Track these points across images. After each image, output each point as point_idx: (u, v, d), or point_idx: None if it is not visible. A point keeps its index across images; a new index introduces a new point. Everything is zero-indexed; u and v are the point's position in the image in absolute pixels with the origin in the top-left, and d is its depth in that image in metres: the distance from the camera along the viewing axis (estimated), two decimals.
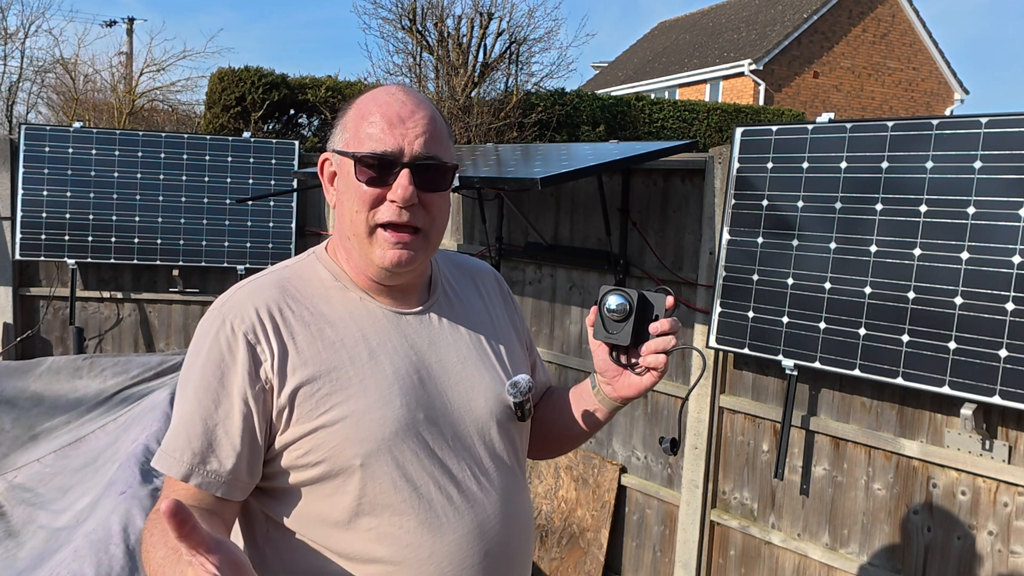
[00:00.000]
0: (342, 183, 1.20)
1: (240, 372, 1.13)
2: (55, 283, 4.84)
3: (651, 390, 1.46)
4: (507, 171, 3.07)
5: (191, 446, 1.12)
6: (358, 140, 1.17)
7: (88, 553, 2.29)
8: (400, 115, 1.17)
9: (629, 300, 1.24)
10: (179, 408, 1.16)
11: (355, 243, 1.19)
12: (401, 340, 1.22)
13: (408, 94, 1.20)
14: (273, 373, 1.13)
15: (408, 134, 1.16)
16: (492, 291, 1.42)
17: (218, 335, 1.15)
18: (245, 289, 1.19)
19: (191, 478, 1.11)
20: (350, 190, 1.18)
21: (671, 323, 1.24)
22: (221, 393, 1.13)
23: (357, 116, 1.20)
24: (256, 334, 1.14)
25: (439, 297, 1.30)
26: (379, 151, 1.15)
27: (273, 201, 4.84)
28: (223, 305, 1.18)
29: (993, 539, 2.38)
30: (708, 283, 3.04)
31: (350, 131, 1.20)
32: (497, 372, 1.30)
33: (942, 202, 2.37)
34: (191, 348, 1.19)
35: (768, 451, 2.95)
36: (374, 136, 1.16)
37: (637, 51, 27.47)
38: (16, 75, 15.65)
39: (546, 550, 3.67)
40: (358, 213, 1.17)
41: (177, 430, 1.14)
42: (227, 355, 1.14)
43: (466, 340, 1.29)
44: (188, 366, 1.17)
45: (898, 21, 22.02)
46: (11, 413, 3.43)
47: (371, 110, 1.18)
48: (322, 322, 1.18)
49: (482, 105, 9.80)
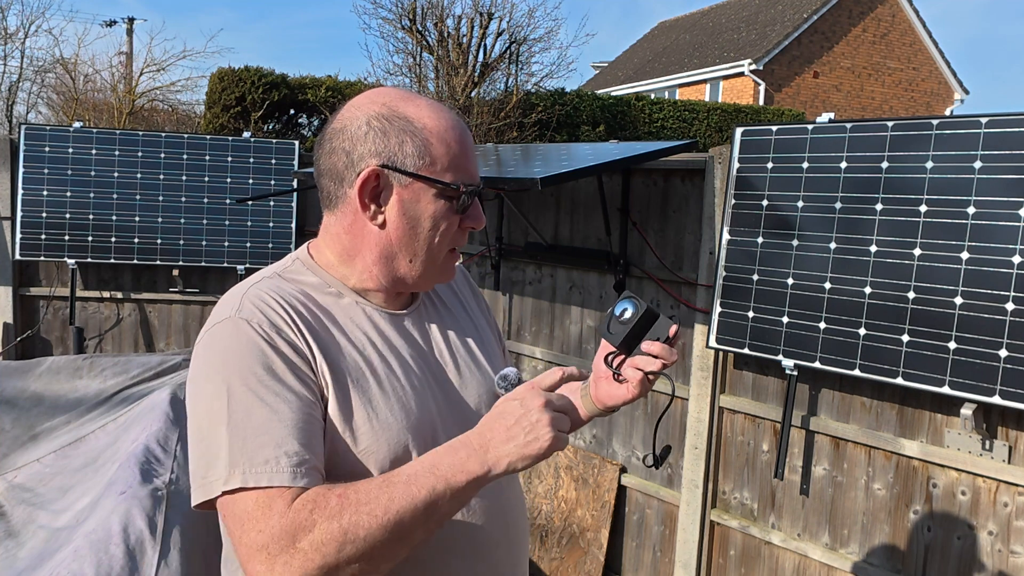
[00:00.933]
0: (412, 206, 1.17)
1: (291, 366, 1.09)
2: (55, 283, 4.84)
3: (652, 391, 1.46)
4: (507, 171, 3.07)
5: (283, 449, 1.03)
6: (449, 169, 1.18)
7: (88, 553, 2.29)
8: (471, 144, 1.22)
9: (636, 307, 1.27)
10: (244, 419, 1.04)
11: (418, 265, 1.20)
12: (402, 341, 1.23)
13: (460, 119, 1.24)
14: (315, 367, 1.11)
15: (475, 162, 1.22)
16: (464, 287, 1.45)
17: (252, 338, 1.08)
18: (252, 293, 1.15)
19: (297, 479, 1.02)
20: (437, 217, 1.18)
21: (662, 348, 1.23)
22: (285, 391, 1.06)
23: (440, 143, 1.17)
24: (287, 331, 1.11)
25: (423, 299, 1.32)
26: (474, 184, 1.20)
27: (273, 201, 4.84)
28: (239, 311, 1.12)
29: (993, 539, 2.38)
30: (708, 283, 3.04)
31: (431, 157, 1.16)
32: (484, 367, 1.32)
33: (942, 202, 2.37)
34: (217, 361, 1.09)
35: (768, 451, 2.95)
36: (464, 168, 1.19)
37: (637, 51, 27.47)
38: (16, 75, 15.67)
39: (546, 550, 3.67)
40: (440, 242, 1.19)
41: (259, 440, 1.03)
42: (271, 352, 1.08)
43: (454, 339, 1.31)
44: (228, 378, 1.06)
45: (898, 21, 22.02)
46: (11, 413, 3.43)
47: (452, 137, 1.19)
48: (330, 326, 1.17)
49: (482, 105, 9.80)
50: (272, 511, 0.99)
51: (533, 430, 1.04)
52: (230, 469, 1.02)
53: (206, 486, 1.04)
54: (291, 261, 1.26)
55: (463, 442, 1.06)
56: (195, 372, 1.11)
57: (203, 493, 1.04)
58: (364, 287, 1.23)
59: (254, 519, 1.00)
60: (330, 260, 1.24)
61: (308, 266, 1.24)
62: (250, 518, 1.00)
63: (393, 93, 1.21)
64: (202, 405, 1.08)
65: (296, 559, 0.97)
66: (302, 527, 0.98)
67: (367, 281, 1.22)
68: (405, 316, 1.26)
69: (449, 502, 1.03)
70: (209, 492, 1.03)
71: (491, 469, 1.04)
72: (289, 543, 0.97)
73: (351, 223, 1.20)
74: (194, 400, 1.10)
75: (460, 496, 1.04)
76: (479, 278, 4.14)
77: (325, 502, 1.00)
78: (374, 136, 1.16)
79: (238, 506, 1.01)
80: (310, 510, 0.99)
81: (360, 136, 1.16)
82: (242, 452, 1.02)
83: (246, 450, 1.02)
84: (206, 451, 1.05)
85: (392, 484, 1.02)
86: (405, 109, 1.18)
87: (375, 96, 1.20)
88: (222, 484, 1.02)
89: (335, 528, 0.98)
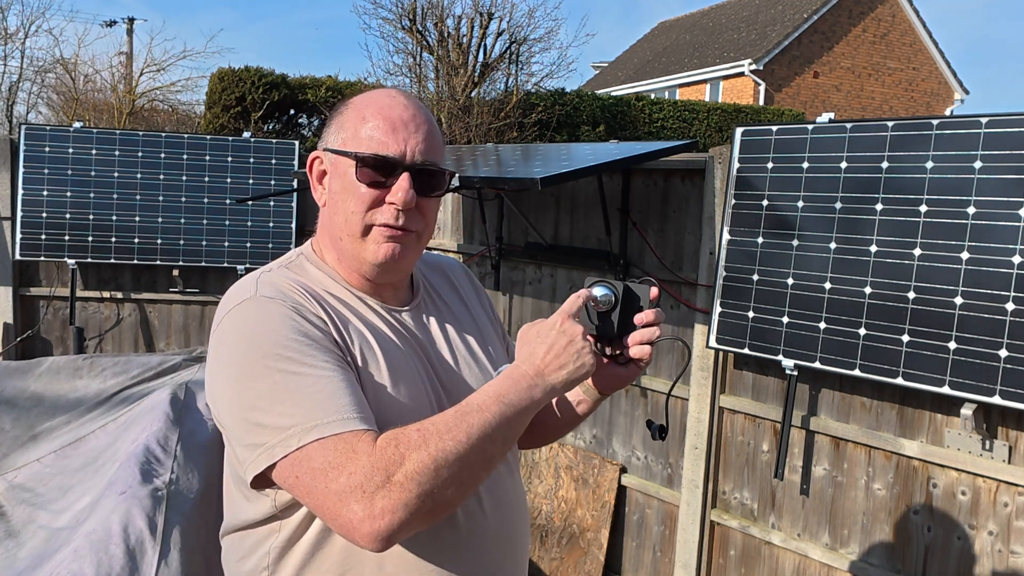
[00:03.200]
0: (336, 183, 1.20)
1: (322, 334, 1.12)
2: (55, 283, 4.84)
3: (652, 391, 1.46)
4: (507, 171, 3.07)
5: (347, 400, 1.05)
6: (358, 141, 1.17)
7: (88, 553, 2.29)
8: (402, 119, 1.18)
9: (615, 292, 1.23)
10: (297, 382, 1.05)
11: (348, 242, 1.20)
12: (401, 336, 1.24)
13: (408, 98, 1.21)
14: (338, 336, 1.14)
15: (409, 139, 1.17)
16: (465, 284, 1.45)
17: (281, 310, 1.11)
18: (266, 277, 1.18)
19: (367, 422, 1.05)
20: (347, 190, 1.18)
21: (656, 314, 1.25)
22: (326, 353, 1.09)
23: (356, 117, 1.19)
24: (306, 306, 1.14)
25: (423, 296, 1.33)
26: (381, 153, 1.16)
27: (273, 201, 4.84)
28: (258, 291, 1.14)
29: (993, 539, 2.38)
30: (708, 283, 3.04)
31: (348, 131, 1.19)
32: (484, 363, 1.33)
33: (942, 202, 2.37)
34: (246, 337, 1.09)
35: (768, 451, 2.95)
36: (376, 138, 1.17)
37: (637, 51, 27.47)
38: (16, 75, 15.67)
39: (546, 550, 3.67)
40: (354, 213, 1.17)
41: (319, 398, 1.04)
42: (303, 320, 1.11)
43: (454, 335, 1.32)
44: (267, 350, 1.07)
45: (898, 21, 22.02)
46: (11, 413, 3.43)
47: (372, 112, 1.18)
48: (338, 317, 1.18)
49: (482, 105, 9.80)
50: (358, 453, 1.01)
51: (580, 356, 1.14)
52: (301, 426, 1.03)
53: (271, 448, 1.04)
54: (295, 256, 1.28)
55: (522, 373, 1.13)
56: (225, 354, 1.11)
57: (268, 457, 1.04)
58: (352, 282, 1.24)
59: (339, 465, 1.01)
60: (324, 253, 1.27)
61: (311, 260, 1.26)
62: (333, 466, 1.01)
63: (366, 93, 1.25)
64: (245, 380, 1.08)
65: (394, 492, 0.99)
66: (393, 461, 1.00)
67: (350, 275, 1.24)
68: (405, 312, 1.27)
69: (519, 426, 1.11)
70: (279, 452, 1.03)
71: (549, 393, 1.13)
72: (384, 479, 0.99)
73: (320, 211, 1.26)
74: (233, 380, 1.09)
75: (526, 419, 1.12)
76: (479, 278, 4.14)
77: (407, 437, 1.02)
78: (326, 129, 1.25)
79: (316, 459, 1.01)
80: (395, 446, 1.02)
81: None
82: (307, 410, 1.03)
83: (311, 407, 1.04)
84: (262, 419, 1.05)
85: (467, 413, 1.06)
86: (355, 99, 1.23)
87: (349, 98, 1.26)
88: (296, 441, 1.02)
89: (426, 457, 1.01)
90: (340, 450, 1.01)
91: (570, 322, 1.15)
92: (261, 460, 1.05)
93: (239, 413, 1.08)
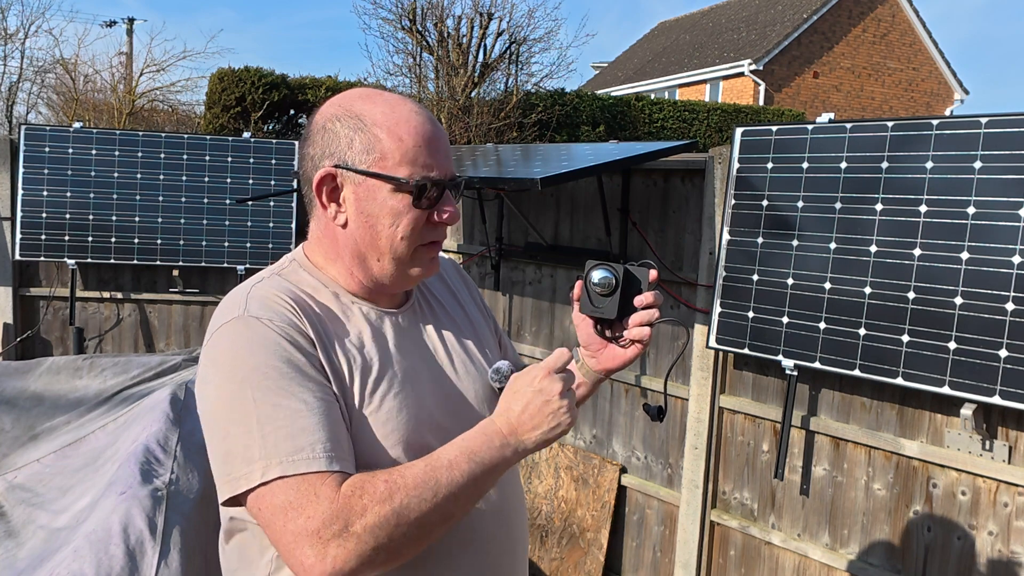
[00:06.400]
0: (371, 205, 1.17)
1: (309, 359, 1.10)
2: (55, 283, 4.84)
3: (652, 391, 1.47)
4: (507, 171, 3.07)
5: (317, 436, 1.04)
6: (402, 164, 1.15)
7: (88, 553, 2.29)
8: (436, 136, 1.19)
9: (615, 274, 1.26)
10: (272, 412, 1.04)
11: (387, 263, 1.19)
12: (397, 339, 1.24)
13: (424, 110, 1.21)
14: (325, 363, 1.13)
15: (447, 155, 1.19)
16: (457, 282, 1.45)
17: (266, 333, 1.09)
18: (256, 291, 1.16)
19: (334, 464, 1.04)
20: (393, 214, 1.16)
21: (655, 296, 1.27)
22: (307, 382, 1.08)
23: (391, 138, 1.16)
24: (297, 326, 1.12)
25: (416, 296, 1.32)
26: (435, 178, 1.17)
27: (273, 201, 4.84)
28: (247, 310, 1.12)
29: (993, 539, 2.38)
30: (708, 283, 3.04)
31: (380, 152, 1.16)
32: (480, 362, 1.33)
33: (942, 202, 2.37)
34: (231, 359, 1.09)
35: (768, 451, 2.95)
36: (422, 162, 1.16)
37: (637, 51, 27.47)
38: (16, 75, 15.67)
39: (546, 550, 3.67)
40: (405, 238, 1.17)
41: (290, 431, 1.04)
42: (289, 346, 1.09)
43: (449, 335, 1.32)
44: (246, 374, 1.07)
45: (898, 21, 22.02)
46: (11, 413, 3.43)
47: (406, 131, 1.16)
48: (331, 326, 1.18)
49: (482, 105, 9.80)
50: (320, 497, 1.01)
51: (555, 416, 1.12)
52: (266, 460, 1.02)
53: (236, 480, 1.04)
54: (288, 262, 1.27)
55: (495, 431, 1.12)
56: (209, 374, 1.11)
57: (231, 488, 1.04)
58: (351, 289, 1.23)
59: (299, 507, 1.00)
60: (321, 261, 1.25)
61: (304, 267, 1.25)
62: (294, 506, 1.00)
63: (355, 93, 1.22)
64: (223, 404, 1.07)
65: (350, 542, 0.99)
66: (354, 511, 1.00)
67: (351, 283, 1.23)
68: (399, 314, 1.27)
69: (484, 485, 1.11)
70: (243, 485, 1.03)
71: (520, 454, 1.13)
72: (343, 527, 0.99)
73: (324, 226, 1.22)
74: (212, 402, 1.09)
75: (495, 478, 1.12)
76: (479, 278, 4.14)
77: (373, 487, 1.02)
78: (328, 138, 1.18)
79: (278, 496, 1.01)
80: (359, 495, 1.01)
81: (317, 140, 1.19)
82: (275, 443, 1.03)
83: (279, 441, 1.03)
84: (233, 447, 1.05)
85: (435, 469, 1.06)
86: (359, 107, 1.19)
87: (337, 99, 1.22)
88: (259, 476, 1.02)
89: (388, 512, 1.01)
90: (302, 491, 1.01)
91: (549, 379, 1.13)
92: (225, 489, 1.05)
93: (213, 436, 1.08)
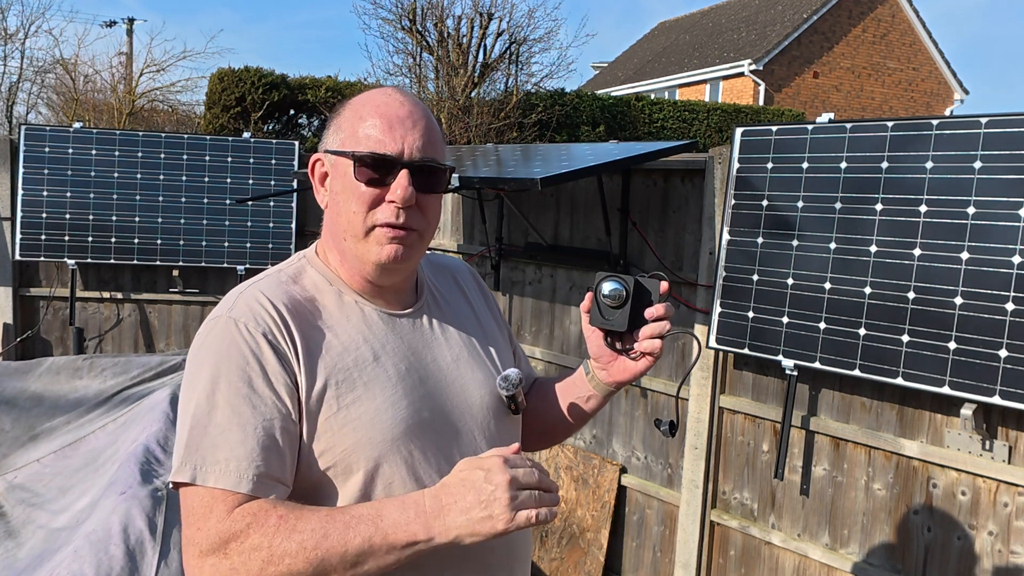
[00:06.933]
0: (337, 184, 1.19)
1: (269, 372, 1.11)
2: (55, 283, 4.84)
3: (652, 391, 1.47)
4: (507, 171, 3.07)
5: (235, 453, 1.07)
6: (356, 140, 1.17)
7: (88, 553, 2.29)
8: (399, 116, 1.17)
9: (625, 286, 1.25)
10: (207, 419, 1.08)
11: (351, 243, 1.19)
12: (399, 342, 1.23)
13: (405, 96, 1.21)
14: (298, 371, 1.12)
15: (407, 136, 1.17)
16: (472, 288, 1.44)
17: (235, 340, 1.11)
18: (248, 292, 1.17)
19: (242, 485, 1.06)
20: (347, 191, 1.17)
21: (666, 308, 1.26)
22: (254, 397, 1.09)
23: (354, 117, 1.19)
24: (274, 333, 1.13)
25: (427, 298, 1.32)
26: (379, 152, 1.15)
27: (273, 201, 4.84)
28: (231, 310, 1.14)
29: (993, 539, 2.38)
30: (708, 283, 3.04)
31: (346, 131, 1.19)
32: (488, 368, 1.32)
33: (942, 202, 2.37)
34: (201, 358, 1.13)
35: (768, 451, 2.95)
36: (373, 137, 1.16)
37: (637, 51, 27.47)
38: (16, 75, 15.68)
39: (546, 550, 3.67)
40: (356, 213, 1.17)
41: (215, 441, 1.07)
42: (251, 357, 1.10)
43: (456, 339, 1.31)
44: (205, 377, 1.10)
45: (898, 21, 22.02)
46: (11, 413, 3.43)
47: (369, 111, 1.18)
48: (324, 326, 1.18)
49: (482, 105, 9.80)
50: (213, 513, 1.05)
51: (488, 507, 1.01)
52: (183, 462, 1.08)
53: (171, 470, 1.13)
54: (297, 259, 1.27)
55: (416, 500, 1.06)
56: (187, 366, 1.16)
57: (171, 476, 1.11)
58: (355, 287, 1.23)
59: (196, 516, 1.06)
60: (325, 254, 1.26)
61: (314, 264, 1.25)
62: (193, 514, 1.07)
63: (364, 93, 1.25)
64: (184, 397, 1.13)
65: (223, 564, 1.03)
66: (236, 534, 1.03)
67: (353, 279, 1.23)
68: (406, 317, 1.26)
69: (382, 557, 1.03)
70: (170, 477, 1.11)
71: (435, 537, 1.03)
72: (221, 547, 1.03)
73: (324, 214, 1.26)
74: (182, 392, 1.16)
75: (394, 555, 1.03)
76: None
77: (265, 518, 1.04)
78: (325, 130, 1.25)
79: (187, 500, 1.08)
80: (248, 523, 1.04)
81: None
82: (197, 449, 1.08)
83: (201, 448, 1.08)
84: (180, 436, 1.11)
85: (333, 521, 1.04)
86: (353, 99, 1.23)
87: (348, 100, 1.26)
88: (180, 475, 1.08)
89: (264, 546, 1.03)
90: (203, 503, 1.06)
91: (500, 468, 1.03)
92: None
93: (178, 420, 1.14)
